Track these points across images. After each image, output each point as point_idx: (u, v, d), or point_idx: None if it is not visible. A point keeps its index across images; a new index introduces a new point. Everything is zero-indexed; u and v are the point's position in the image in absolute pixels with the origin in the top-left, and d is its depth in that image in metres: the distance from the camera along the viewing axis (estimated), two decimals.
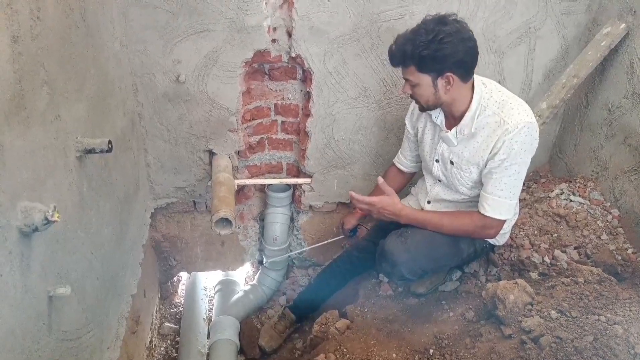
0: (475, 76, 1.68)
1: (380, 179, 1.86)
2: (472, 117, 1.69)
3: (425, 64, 1.58)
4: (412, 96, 1.73)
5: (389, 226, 1.96)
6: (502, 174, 1.67)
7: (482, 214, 1.74)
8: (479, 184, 1.78)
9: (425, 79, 1.62)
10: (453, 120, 1.76)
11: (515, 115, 1.62)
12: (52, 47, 1.18)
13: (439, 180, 1.92)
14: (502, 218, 1.74)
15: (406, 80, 1.68)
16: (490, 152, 1.67)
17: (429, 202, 1.98)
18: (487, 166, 1.70)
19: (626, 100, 2.04)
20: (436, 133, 1.84)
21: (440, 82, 1.61)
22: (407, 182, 2.19)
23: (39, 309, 1.13)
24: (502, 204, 1.71)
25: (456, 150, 1.78)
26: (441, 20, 1.55)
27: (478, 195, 1.79)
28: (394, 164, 2.16)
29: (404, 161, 2.10)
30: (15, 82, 0.99)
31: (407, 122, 1.99)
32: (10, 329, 1.00)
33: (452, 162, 1.81)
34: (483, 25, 2.09)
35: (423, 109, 1.77)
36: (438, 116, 1.80)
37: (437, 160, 1.87)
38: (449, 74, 1.58)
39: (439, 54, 1.54)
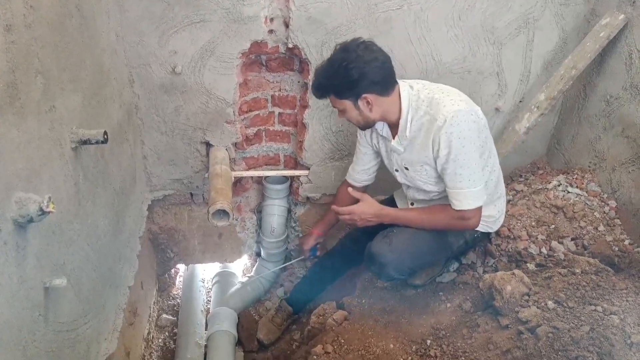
0: (401, 82, 1.73)
1: (349, 189, 1.92)
2: (405, 121, 1.73)
3: (340, 92, 1.68)
4: (348, 120, 1.79)
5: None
6: (454, 167, 1.67)
7: (454, 209, 1.75)
8: (441, 179, 1.78)
9: (347, 104, 1.70)
10: (396, 129, 1.79)
11: (442, 108, 1.63)
12: (46, 37, 1.16)
13: (409, 186, 1.95)
14: (475, 207, 1.73)
15: (334, 107, 1.77)
16: (433, 150, 1.69)
17: (412, 204, 2.00)
18: (437, 163, 1.71)
19: (624, 91, 2.03)
20: (387, 145, 1.88)
21: (361, 103, 1.68)
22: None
23: (35, 300, 1.12)
24: (468, 195, 1.71)
25: (405, 157, 1.82)
26: (344, 49, 1.64)
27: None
28: (346, 182, 2.12)
29: (356, 177, 2.07)
30: (9, 71, 0.98)
31: (362, 139, 1.99)
32: (6, 321, 0.99)
33: (406, 168, 1.84)
34: (481, 16, 2.07)
35: (362, 127, 1.84)
36: (383, 128, 1.84)
37: (396, 170, 1.91)
38: (365, 95, 1.65)
39: (347, 80, 1.62)
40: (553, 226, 2.05)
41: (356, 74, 1.60)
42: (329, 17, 1.98)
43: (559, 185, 2.20)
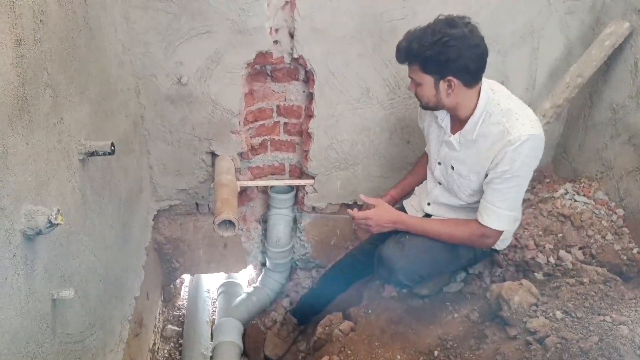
0: (484, 81, 1.65)
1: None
2: (475, 123, 1.65)
3: (428, 65, 1.57)
4: (415, 94, 1.72)
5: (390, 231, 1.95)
6: (503, 185, 1.64)
7: (480, 223, 1.71)
8: (479, 192, 1.75)
9: (427, 80, 1.61)
10: (458, 124, 1.73)
11: (520, 126, 1.58)
12: (55, 50, 1.18)
13: (440, 183, 1.89)
14: (500, 229, 1.71)
15: (411, 78, 1.67)
16: (492, 162, 1.64)
17: (428, 204, 1.96)
18: (488, 175, 1.67)
19: (630, 99, 2.03)
20: (440, 135, 1.82)
21: (442, 85, 1.60)
22: None
23: (42, 312, 1.13)
24: (501, 215, 1.68)
25: (458, 156, 1.75)
26: (450, 23, 1.53)
27: (477, 202, 1.77)
28: (425, 153, 2.10)
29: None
30: (19, 85, 0.99)
31: (418, 117, 1.97)
32: (15, 332, 1.00)
33: (452, 167, 1.78)
34: (486, 24, 2.07)
35: (424, 107, 1.76)
36: (444, 118, 1.77)
37: (439, 163, 1.85)
38: (450, 77, 1.57)
39: (441, 57, 1.52)
40: (560, 235, 2.04)
41: (453, 54, 1.50)
42: (333, 28, 1.99)
43: (566, 194, 2.19)
